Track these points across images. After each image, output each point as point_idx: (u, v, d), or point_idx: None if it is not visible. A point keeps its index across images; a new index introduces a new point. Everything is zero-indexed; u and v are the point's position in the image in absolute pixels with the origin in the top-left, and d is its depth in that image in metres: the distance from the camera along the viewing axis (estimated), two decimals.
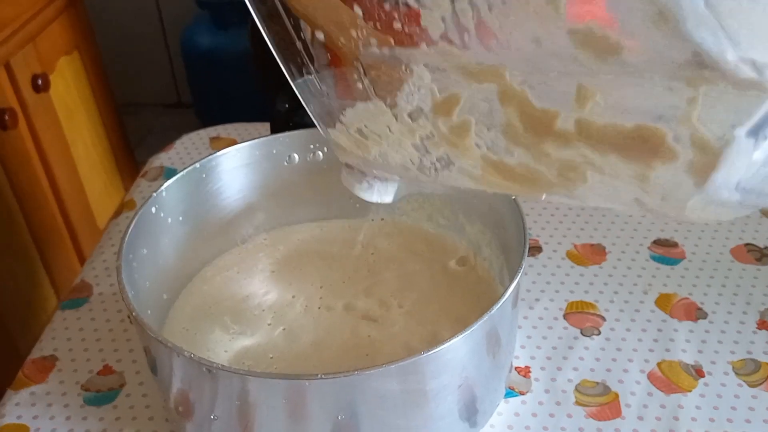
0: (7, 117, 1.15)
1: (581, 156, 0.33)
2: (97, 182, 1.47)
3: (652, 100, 0.30)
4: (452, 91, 0.36)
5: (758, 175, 0.29)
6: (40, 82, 1.24)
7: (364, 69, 0.40)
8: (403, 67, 0.38)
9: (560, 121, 0.33)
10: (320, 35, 0.40)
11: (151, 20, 2.03)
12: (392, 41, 0.37)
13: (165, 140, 0.89)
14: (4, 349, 1.18)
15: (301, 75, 0.42)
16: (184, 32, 1.87)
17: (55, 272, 1.29)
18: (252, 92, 1.83)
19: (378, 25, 0.37)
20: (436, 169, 0.40)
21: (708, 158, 0.29)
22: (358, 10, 0.38)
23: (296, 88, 0.43)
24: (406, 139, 0.40)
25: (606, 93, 0.31)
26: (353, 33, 0.39)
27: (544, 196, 0.36)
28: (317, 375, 0.40)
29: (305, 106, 0.44)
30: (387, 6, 0.36)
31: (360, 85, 0.40)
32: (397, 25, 0.36)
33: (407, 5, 0.35)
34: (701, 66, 0.27)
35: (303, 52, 0.41)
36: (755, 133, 0.28)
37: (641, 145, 0.30)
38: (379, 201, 0.47)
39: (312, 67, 0.42)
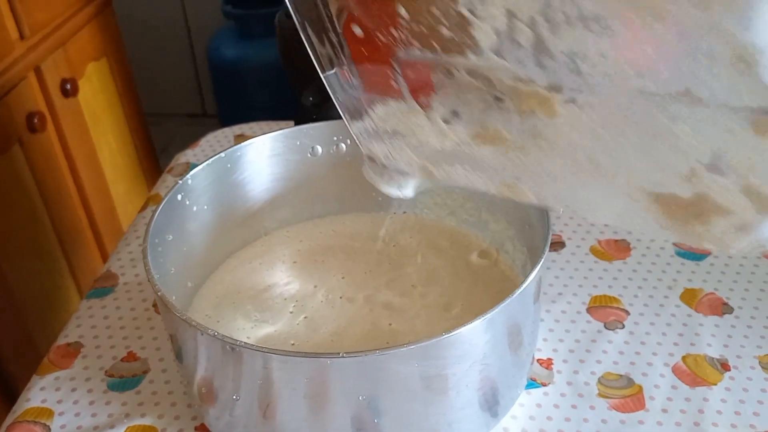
0: (36, 120, 1.17)
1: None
2: (122, 186, 1.49)
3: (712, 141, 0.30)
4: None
5: None
6: (68, 86, 1.26)
7: (400, 68, 0.39)
8: (443, 71, 0.37)
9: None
10: (357, 29, 0.39)
11: (178, 30, 2.05)
12: (437, 46, 0.36)
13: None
14: (23, 346, 1.19)
15: (332, 67, 0.42)
16: (211, 43, 1.89)
17: (78, 273, 1.31)
18: (277, 102, 1.85)
19: (423, 28, 0.36)
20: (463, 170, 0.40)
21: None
22: (402, 11, 0.37)
23: (325, 80, 0.42)
24: (436, 143, 0.40)
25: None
26: (393, 32, 0.38)
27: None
28: (339, 354, 0.40)
29: (332, 97, 0.44)
30: (436, 11, 0.35)
31: (394, 84, 0.40)
32: (445, 32, 0.35)
33: (459, 14, 0.34)
34: None
35: (336, 44, 0.41)
36: None
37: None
38: (400, 194, 0.47)
39: (344, 60, 0.41)
